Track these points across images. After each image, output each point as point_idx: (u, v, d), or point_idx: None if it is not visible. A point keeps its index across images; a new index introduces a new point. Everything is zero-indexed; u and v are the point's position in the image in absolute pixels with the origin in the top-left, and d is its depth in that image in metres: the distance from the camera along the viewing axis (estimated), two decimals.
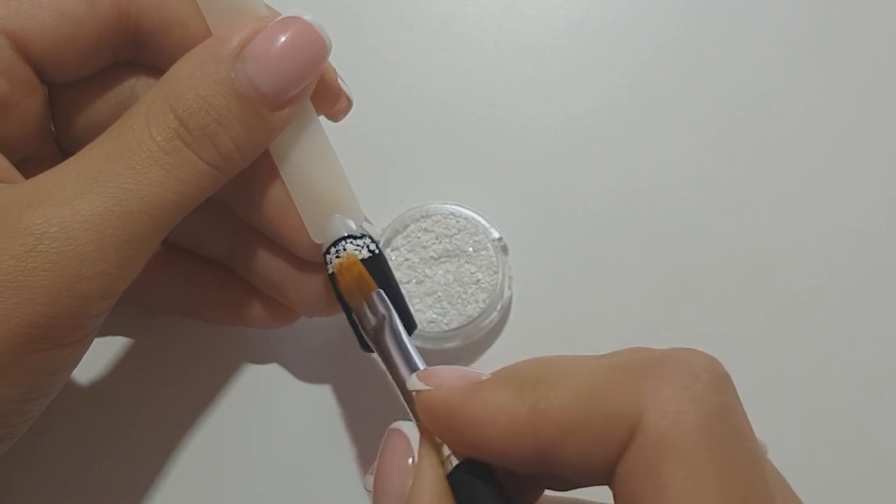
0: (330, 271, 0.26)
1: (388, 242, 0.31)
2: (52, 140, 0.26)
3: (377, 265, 0.25)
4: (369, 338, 0.24)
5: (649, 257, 0.33)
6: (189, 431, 0.31)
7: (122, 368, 0.31)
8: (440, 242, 0.31)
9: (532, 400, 0.19)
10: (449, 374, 0.21)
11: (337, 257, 0.25)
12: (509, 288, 0.32)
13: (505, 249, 0.32)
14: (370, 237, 0.26)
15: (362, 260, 0.25)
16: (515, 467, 0.19)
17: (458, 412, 0.20)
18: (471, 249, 0.31)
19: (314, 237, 0.26)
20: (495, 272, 0.31)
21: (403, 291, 0.26)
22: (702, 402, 0.17)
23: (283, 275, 0.27)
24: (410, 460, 0.20)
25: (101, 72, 0.25)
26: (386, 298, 0.25)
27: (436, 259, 0.31)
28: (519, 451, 0.19)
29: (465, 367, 0.21)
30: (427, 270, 0.31)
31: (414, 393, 0.21)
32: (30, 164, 0.24)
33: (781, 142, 0.35)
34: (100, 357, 0.31)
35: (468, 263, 0.31)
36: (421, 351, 0.31)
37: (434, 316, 0.31)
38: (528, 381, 0.19)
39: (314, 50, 0.23)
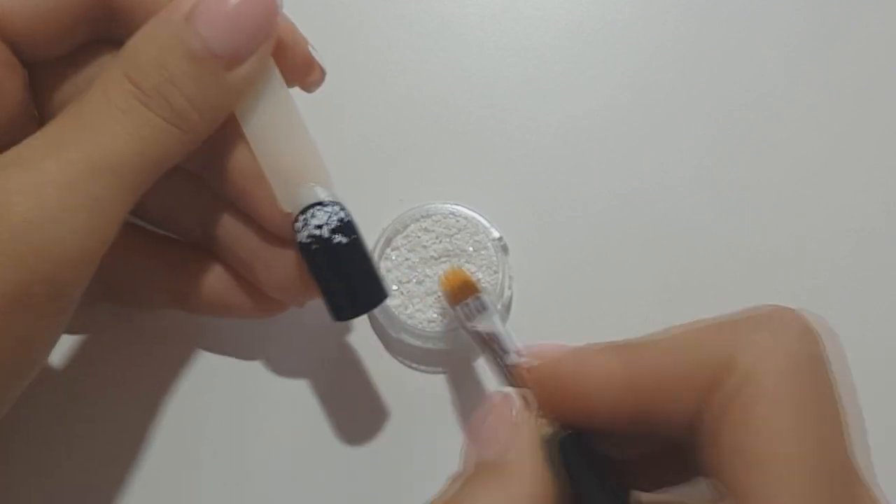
0: (299, 240, 0.26)
1: (388, 242, 0.31)
2: (35, 124, 0.26)
3: (347, 231, 0.25)
4: (467, 331, 0.26)
5: (649, 257, 0.33)
6: (181, 430, 0.31)
7: (111, 364, 0.31)
8: (440, 242, 0.31)
9: (625, 356, 0.20)
10: (552, 346, 0.23)
11: (305, 224, 0.25)
12: (509, 288, 0.32)
13: (505, 249, 0.32)
14: (340, 205, 0.26)
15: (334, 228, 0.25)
16: (613, 426, 0.21)
17: (561, 374, 0.21)
18: (471, 249, 0.31)
19: (283, 205, 0.26)
20: (495, 272, 0.31)
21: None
22: (791, 347, 0.19)
23: (253, 250, 0.28)
24: (510, 419, 0.21)
25: (78, 51, 0.26)
26: (484, 299, 0.27)
27: (436, 259, 0.31)
28: (614, 405, 0.20)
29: (563, 343, 0.23)
30: (427, 270, 0.31)
31: (522, 369, 0.23)
32: None
33: (781, 142, 0.35)
34: (89, 352, 0.31)
35: (468, 263, 0.31)
36: (421, 350, 0.31)
37: (434, 315, 0.30)
38: (619, 343, 0.21)
39: (264, 7, 0.24)
